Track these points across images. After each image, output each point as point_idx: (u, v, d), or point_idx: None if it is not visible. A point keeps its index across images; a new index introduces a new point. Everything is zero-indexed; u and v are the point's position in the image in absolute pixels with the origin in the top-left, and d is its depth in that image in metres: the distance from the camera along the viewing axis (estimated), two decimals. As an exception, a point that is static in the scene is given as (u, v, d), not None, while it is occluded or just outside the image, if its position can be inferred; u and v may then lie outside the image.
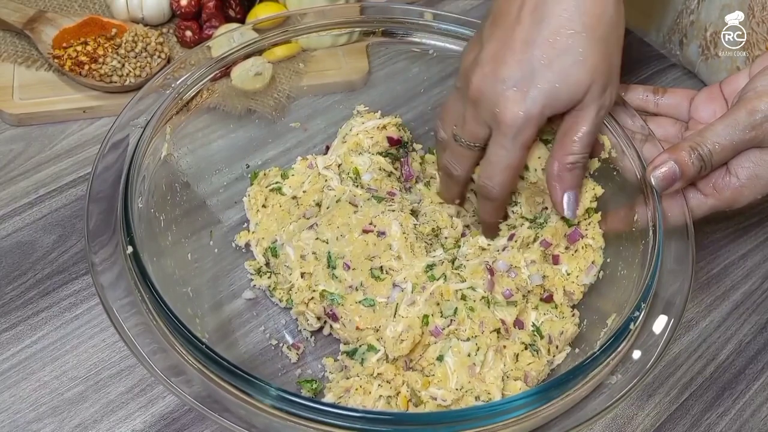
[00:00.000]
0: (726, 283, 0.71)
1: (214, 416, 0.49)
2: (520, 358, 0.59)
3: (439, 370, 0.58)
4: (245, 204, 0.70)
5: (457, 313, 0.59)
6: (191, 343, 0.50)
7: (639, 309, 0.54)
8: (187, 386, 0.50)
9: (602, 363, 0.51)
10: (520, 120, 0.56)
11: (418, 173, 0.72)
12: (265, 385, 0.48)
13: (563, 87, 0.55)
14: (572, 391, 0.50)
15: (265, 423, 0.49)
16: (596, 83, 0.56)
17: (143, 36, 0.82)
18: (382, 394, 0.57)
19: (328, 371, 0.62)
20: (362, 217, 0.63)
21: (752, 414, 0.63)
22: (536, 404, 0.49)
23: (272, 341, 0.64)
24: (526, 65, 0.55)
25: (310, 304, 0.62)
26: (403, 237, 0.62)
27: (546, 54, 0.55)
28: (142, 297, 0.52)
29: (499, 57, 0.56)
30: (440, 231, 0.66)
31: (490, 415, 0.48)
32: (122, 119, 0.62)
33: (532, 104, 0.55)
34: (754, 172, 0.59)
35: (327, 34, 0.73)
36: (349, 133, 0.70)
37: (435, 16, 0.72)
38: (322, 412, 0.47)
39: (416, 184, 0.72)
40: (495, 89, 0.56)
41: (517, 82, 0.55)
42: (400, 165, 0.72)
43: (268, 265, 0.67)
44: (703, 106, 0.66)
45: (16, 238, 0.69)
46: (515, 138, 0.57)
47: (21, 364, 0.61)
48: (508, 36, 0.56)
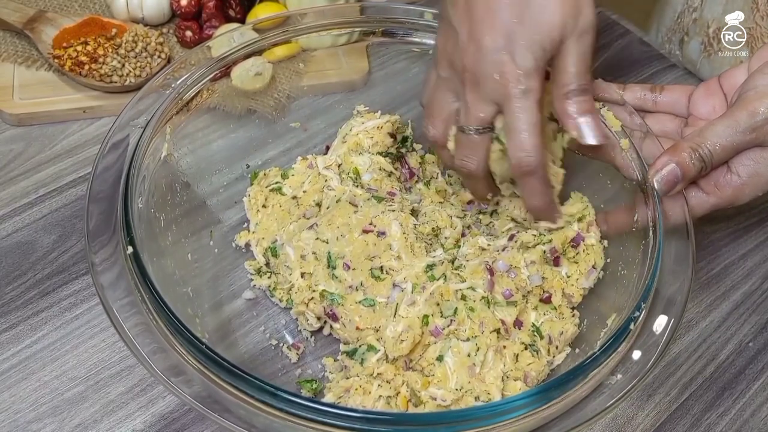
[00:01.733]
0: (726, 283, 0.71)
1: (214, 416, 0.49)
2: (520, 358, 0.59)
3: (439, 370, 0.58)
4: (245, 204, 0.70)
5: (457, 313, 0.59)
6: (191, 343, 0.50)
7: (639, 309, 0.54)
8: (187, 386, 0.50)
9: (602, 363, 0.51)
10: (522, 76, 0.56)
11: (418, 173, 0.72)
12: (265, 384, 0.48)
13: (540, 36, 0.56)
14: (572, 391, 0.50)
15: (265, 423, 0.49)
16: (567, 17, 0.57)
17: (143, 36, 0.82)
18: (382, 394, 0.57)
19: (328, 371, 0.62)
20: (362, 217, 0.63)
21: (752, 414, 0.63)
22: (536, 404, 0.49)
23: (272, 341, 0.64)
24: (502, 30, 0.56)
25: (310, 304, 0.62)
26: (403, 237, 0.62)
27: (514, 13, 0.56)
28: (142, 297, 0.52)
29: (476, 33, 0.57)
30: (440, 231, 0.66)
31: (490, 416, 0.48)
32: (122, 119, 0.62)
33: (524, 59, 0.56)
34: (755, 170, 0.59)
35: (327, 34, 0.73)
36: (349, 133, 0.70)
37: (435, 16, 0.72)
38: (321, 412, 0.47)
39: (416, 183, 0.72)
40: (488, 61, 0.57)
41: (503, 47, 0.56)
42: (400, 165, 0.72)
43: (268, 265, 0.67)
44: (702, 102, 0.65)
45: (16, 238, 0.69)
46: (525, 95, 0.57)
47: (21, 364, 0.61)
48: (475, 11, 0.57)
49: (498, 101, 0.58)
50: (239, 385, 0.48)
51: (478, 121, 0.59)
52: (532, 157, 0.58)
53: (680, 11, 0.89)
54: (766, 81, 0.58)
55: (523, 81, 0.56)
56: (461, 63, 0.58)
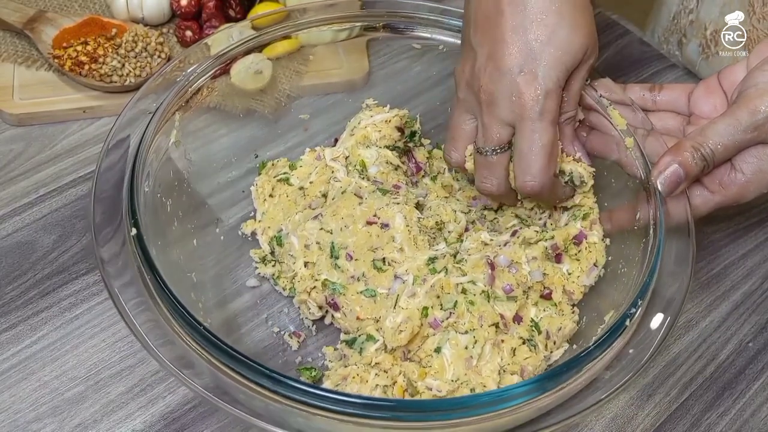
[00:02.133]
0: (726, 283, 0.71)
1: (222, 404, 0.50)
2: (518, 352, 0.59)
3: (436, 361, 0.58)
4: (253, 193, 0.71)
5: (457, 307, 0.60)
6: (194, 328, 0.50)
7: (635, 306, 0.54)
8: (198, 378, 0.50)
9: (597, 357, 0.51)
10: (540, 96, 0.57)
11: (425, 167, 0.72)
12: (267, 370, 0.48)
13: (568, 56, 0.57)
14: (567, 383, 0.50)
15: (269, 410, 0.49)
16: (591, 44, 0.58)
17: (143, 36, 0.82)
18: (379, 383, 0.57)
19: (327, 359, 0.62)
20: (366, 208, 0.64)
21: (752, 414, 0.63)
22: (531, 395, 0.49)
23: (274, 329, 0.64)
24: (524, 50, 0.56)
25: (312, 293, 0.63)
26: (407, 230, 0.63)
27: (540, 33, 0.56)
28: (146, 284, 0.53)
29: (497, 53, 0.57)
30: (444, 225, 0.66)
31: (486, 404, 0.49)
32: (123, 119, 0.62)
33: (545, 79, 0.57)
34: (758, 167, 0.59)
35: (327, 29, 0.73)
36: (357, 126, 0.70)
37: (437, 10, 0.72)
38: (322, 398, 0.48)
39: (423, 178, 0.72)
40: (505, 82, 0.57)
41: (522, 67, 0.56)
42: (407, 159, 0.72)
43: (273, 254, 0.67)
44: (703, 101, 0.66)
45: (16, 238, 0.69)
46: (541, 116, 0.57)
47: (21, 364, 0.61)
48: (496, 32, 0.57)
49: (513, 122, 0.58)
50: (242, 371, 0.48)
51: (494, 142, 0.59)
52: (536, 181, 0.59)
53: (675, 12, 0.88)
54: (765, 78, 0.58)
55: (540, 101, 0.57)
56: (478, 84, 0.58)
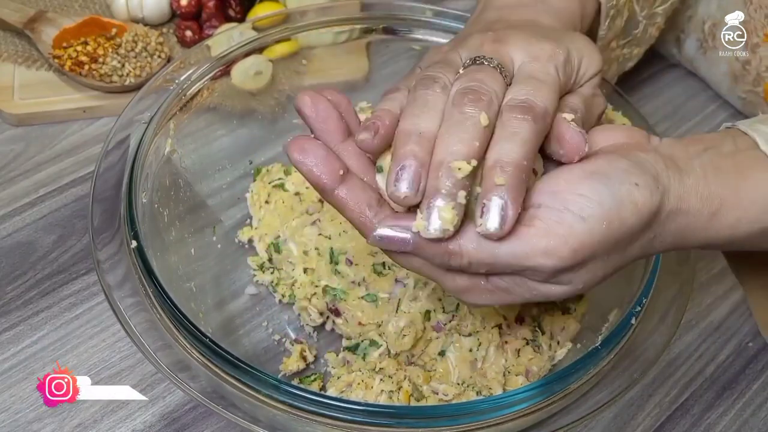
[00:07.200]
0: (726, 283, 0.71)
1: (220, 410, 0.49)
2: (522, 353, 0.59)
3: (441, 365, 0.58)
4: (248, 200, 0.70)
5: (459, 309, 0.60)
6: (195, 336, 0.50)
7: (640, 304, 0.53)
8: (193, 382, 0.50)
9: (603, 357, 0.51)
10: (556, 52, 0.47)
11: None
12: (270, 378, 0.48)
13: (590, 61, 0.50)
14: (574, 385, 0.50)
15: (269, 416, 0.49)
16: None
17: (143, 36, 0.82)
18: (384, 388, 0.57)
19: (330, 366, 0.62)
20: (365, 213, 0.63)
21: (752, 414, 0.63)
22: (537, 398, 0.49)
23: (275, 336, 0.64)
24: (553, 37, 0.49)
25: (312, 299, 0.62)
26: None
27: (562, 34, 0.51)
28: (146, 291, 0.52)
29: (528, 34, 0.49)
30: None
31: (491, 409, 0.48)
32: (123, 119, 0.62)
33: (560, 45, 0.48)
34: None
35: (327, 31, 0.73)
36: None
37: (436, 13, 0.72)
38: (326, 406, 0.47)
39: None
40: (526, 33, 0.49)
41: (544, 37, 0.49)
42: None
43: (271, 261, 0.67)
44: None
45: (16, 238, 0.69)
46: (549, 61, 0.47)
47: (21, 364, 0.61)
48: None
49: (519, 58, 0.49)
50: (244, 379, 0.48)
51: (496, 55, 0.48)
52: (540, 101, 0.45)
53: (673, 11, 0.88)
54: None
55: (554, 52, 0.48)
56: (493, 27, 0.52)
